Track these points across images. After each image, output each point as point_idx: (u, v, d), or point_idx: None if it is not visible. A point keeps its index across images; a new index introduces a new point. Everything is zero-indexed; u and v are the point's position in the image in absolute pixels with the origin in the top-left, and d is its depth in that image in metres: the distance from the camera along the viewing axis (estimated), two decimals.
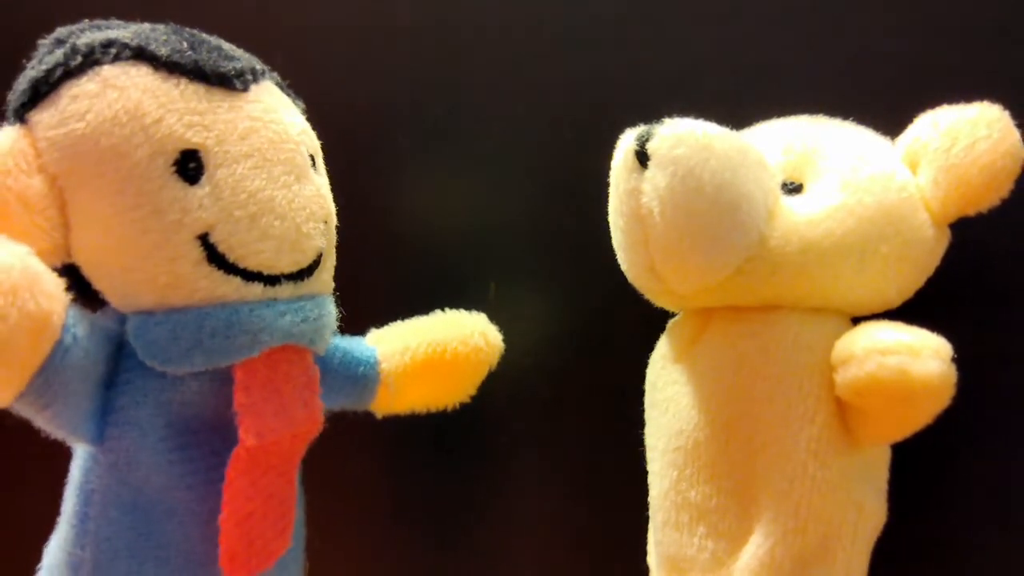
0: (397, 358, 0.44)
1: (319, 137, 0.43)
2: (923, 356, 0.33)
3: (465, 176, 0.53)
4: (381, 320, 0.47)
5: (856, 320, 0.40)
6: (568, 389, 0.45)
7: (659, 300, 0.43)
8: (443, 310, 0.47)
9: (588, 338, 0.49)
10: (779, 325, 0.39)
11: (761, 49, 0.48)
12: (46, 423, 0.34)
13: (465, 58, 0.53)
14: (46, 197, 0.33)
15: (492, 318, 0.47)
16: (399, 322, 0.46)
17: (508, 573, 0.53)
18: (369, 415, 0.46)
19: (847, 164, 0.39)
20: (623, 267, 0.41)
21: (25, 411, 0.33)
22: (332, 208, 0.42)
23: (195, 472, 0.36)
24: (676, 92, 0.44)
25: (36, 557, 0.37)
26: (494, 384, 0.46)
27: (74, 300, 0.35)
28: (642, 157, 0.36)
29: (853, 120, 0.42)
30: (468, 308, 0.47)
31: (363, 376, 0.44)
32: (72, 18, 0.37)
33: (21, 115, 0.34)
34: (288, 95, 0.42)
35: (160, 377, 0.35)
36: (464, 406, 0.46)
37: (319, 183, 0.40)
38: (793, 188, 0.39)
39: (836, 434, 0.37)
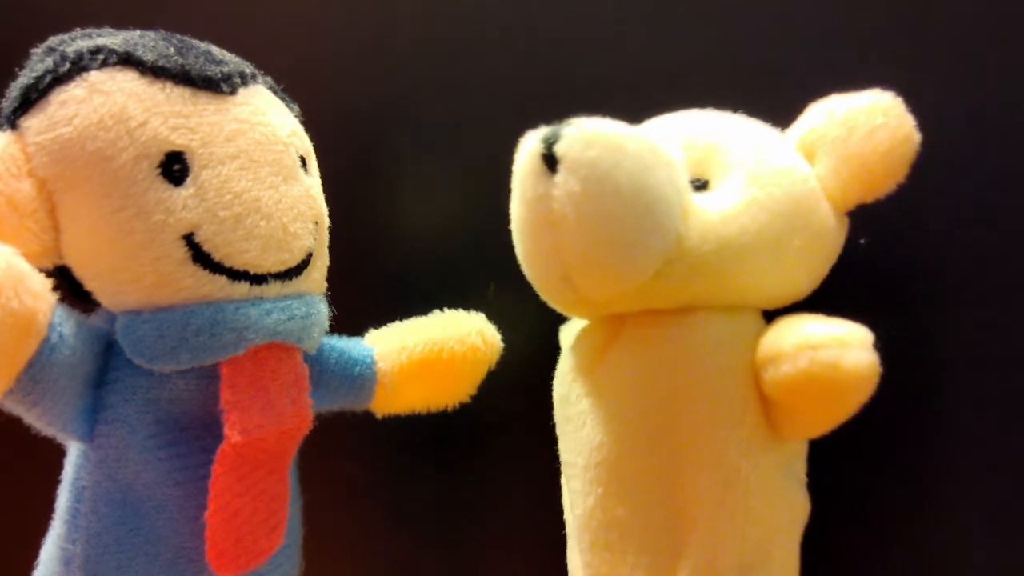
0: (394, 358, 0.45)
1: (318, 138, 0.44)
2: (853, 347, 0.33)
3: (465, 176, 0.53)
4: (381, 321, 0.47)
5: (766, 314, 0.39)
6: None
7: (570, 310, 0.41)
8: (443, 310, 0.47)
9: None
10: (697, 327, 0.38)
11: (761, 49, 0.47)
12: (36, 420, 0.35)
13: (465, 58, 0.53)
14: (35, 200, 0.34)
15: (491, 318, 0.47)
16: (397, 322, 0.47)
17: (505, 574, 0.53)
18: (369, 415, 0.46)
19: (750, 157, 0.38)
20: (530, 277, 0.39)
21: (14, 408, 0.34)
22: (324, 209, 0.42)
23: (184, 468, 0.37)
24: (676, 92, 0.43)
25: (36, 552, 0.38)
26: (494, 384, 0.46)
27: (68, 301, 0.36)
28: (550, 160, 0.34)
29: None
30: (468, 308, 0.47)
31: (360, 376, 0.44)
32: (69, 26, 0.38)
33: (12, 121, 0.35)
34: (282, 99, 0.43)
35: (148, 375, 0.36)
36: (464, 407, 0.46)
37: (309, 184, 0.41)
38: (700, 185, 0.38)
39: (764, 433, 0.37)
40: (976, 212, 0.43)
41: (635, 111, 0.42)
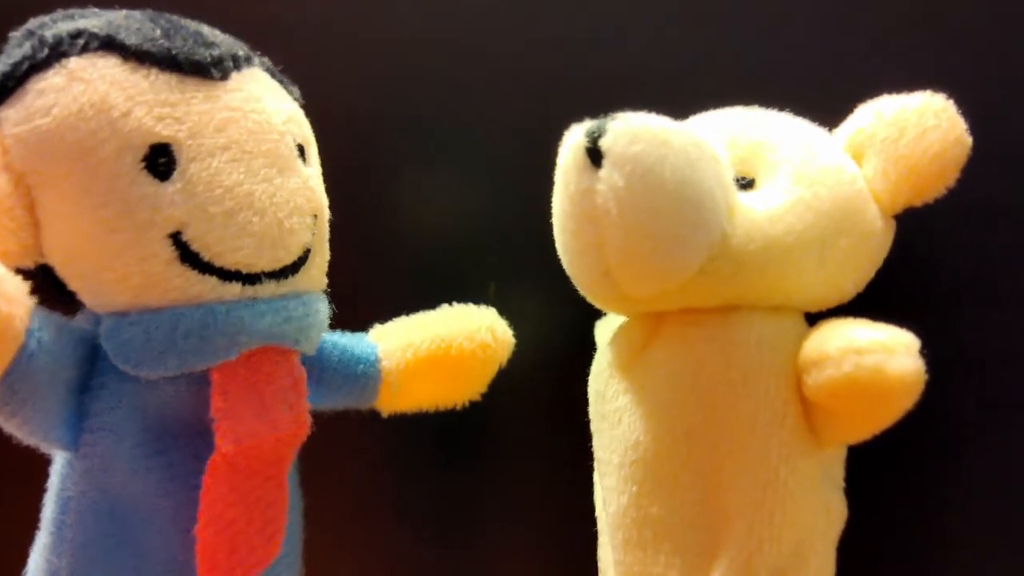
0: (399, 355, 0.43)
1: (319, 135, 0.42)
2: (898, 353, 0.32)
3: (465, 176, 0.52)
4: (380, 321, 0.45)
5: (809, 316, 0.39)
6: (569, 389, 0.44)
7: (609, 306, 0.41)
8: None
9: (588, 338, 0.47)
10: (739, 326, 0.37)
11: (761, 49, 0.46)
12: (16, 430, 0.33)
13: (464, 58, 0.51)
14: (11, 196, 0.32)
15: None
16: (404, 317, 0.45)
17: (509, 574, 0.52)
18: (371, 415, 0.45)
19: (797, 156, 0.37)
20: (570, 272, 0.39)
21: None
22: (323, 201, 0.40)
23: (174, 478, 0.35)
24: (677, 92, 0.42)
25: (24, 563, 0.37)
26: (494, 384, 0.45)
27: (51, 301, 0.34)
28: (594, 155, 0.34)
29: None
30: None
31: (363, 374, 0.42)
32: (51, 6, 0.36)
33: None
34: (280, 82, 0.40)
35: (135, 381, 0.34)
36: (464, 406, 0.45)
37: (307, 175, 0.38)
38: (745, 183, 0.37)
39: (804, 436, 0.36)
40: (977, 211, 0.42)
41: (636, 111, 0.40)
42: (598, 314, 0.46)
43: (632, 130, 0.33)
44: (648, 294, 0.37)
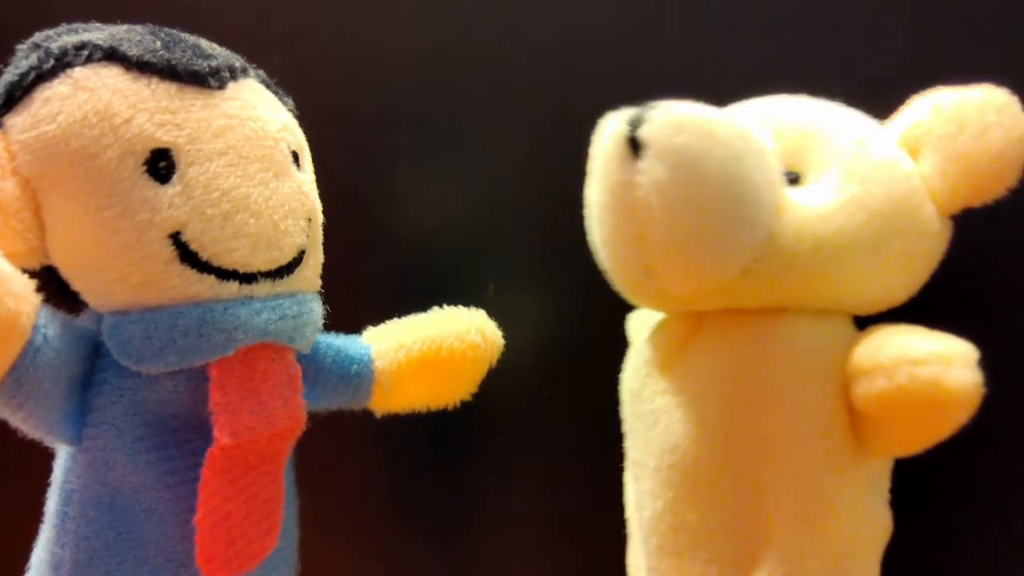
0: (391, 356, 0.44)
1: (319, 137, 0.43)
2: (956, 365, 0.30)
3: (465, 176, 0.52)
4: (379, 320, 0.46)
5: (857, 320, 0.37)
6: (567, 389, 0.44)
7: (648, 303, 0.39)
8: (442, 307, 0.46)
9: (587, 338, 0.48)
10: (784, 329, 0.35)
11: (761, 49, 0.46)
12: (21, 423, 0.34)
13: (465, 58, 0.52)
14: (19, 199, 0.34)
15: (491, 318, 0.46)
16: (396, 319, 0.46)
17: (506, 574, 0.53)
18: (367, 414, 0.45)
19: (848, 150, 0.35)
20: (608, 266, 0.37)
21: None
22: (317, 205, 0.41)
23: (174, 472, 0.36)
24: (676, 92, 0.42)
25: (28, 556, 0.37)
26: (493, 384, 0.46)
27: (55, 301, 0.35)
28: (635, 144, 0.32)
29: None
30: (467, 307, 0.46)
31: (357, 375, 0.43)
32: (56, 21, 0.38)
33: None
34: (275, 92, 0.42)
35: (135, 376, 0.35)
36: (462, 405, 0.46)
37: (301, 180, 0.40)
38: (793, 178, 0.35)
39: (851, 446, 0.34)
40: (978, 211, 0.41)
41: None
42: (598, 315, 0.46)
43: (676, 120, 0.31)
44: (689, 293, 0.35)
